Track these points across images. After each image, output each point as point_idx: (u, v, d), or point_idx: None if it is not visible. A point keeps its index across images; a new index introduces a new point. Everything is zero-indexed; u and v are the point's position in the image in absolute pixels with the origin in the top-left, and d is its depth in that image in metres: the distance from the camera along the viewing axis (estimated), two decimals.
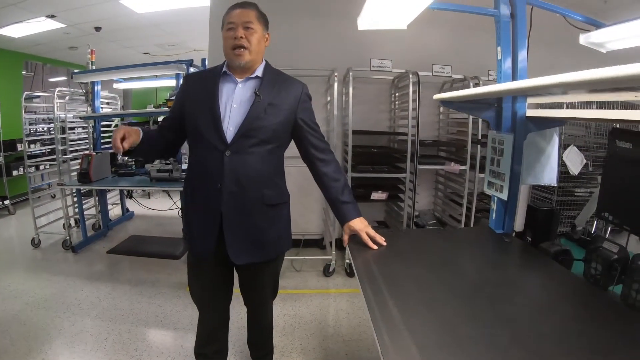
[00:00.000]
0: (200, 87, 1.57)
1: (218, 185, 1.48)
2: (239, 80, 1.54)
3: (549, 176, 1.76)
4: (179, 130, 1.65)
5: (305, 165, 1.72)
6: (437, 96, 1.79)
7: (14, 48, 6.37)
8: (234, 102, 1.51)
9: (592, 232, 1.86)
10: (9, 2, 4.37)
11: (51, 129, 7.15)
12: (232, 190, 1.48)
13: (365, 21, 1.83)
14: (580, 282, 1.32)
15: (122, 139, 1.43)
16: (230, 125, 1.49)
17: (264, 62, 1.60)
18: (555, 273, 1.36)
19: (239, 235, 1.52)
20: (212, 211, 1.51)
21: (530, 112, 1.70)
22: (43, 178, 6.53)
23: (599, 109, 1.98)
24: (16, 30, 5.45)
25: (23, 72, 7.14)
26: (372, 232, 1.56)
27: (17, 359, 2.44)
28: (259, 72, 1.56)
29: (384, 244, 1.54)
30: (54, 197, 6.06)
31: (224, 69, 1.56)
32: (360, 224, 1.57)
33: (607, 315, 1.08)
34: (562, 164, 1.86)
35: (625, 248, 1.29)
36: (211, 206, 1.51)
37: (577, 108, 2.11)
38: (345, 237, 1.59)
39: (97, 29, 5.42)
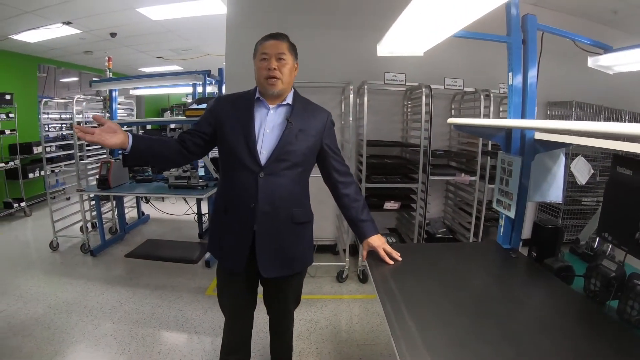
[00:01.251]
0: (234, 111, 1.69)
1: (252, 205, 1.62)
2: (271, 106, 1.67)
3: (555, 194, 1.88)
4: (201, 145, 1.74)
5: (317, 174, 1.86)
6: (450, 120, 1.95)
7: (29, 52, 6.56)
8: (267, 127, 1.65)
9: (595, 247, 1.98)
10: (26, 9, 4.55)
11: (64, 132, 7.40)
12: (265, 209, 1.62)
13: (385, 49, 1.98)
14: (580, 298, 1.45)
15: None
16: (263, 149, 1.62)
17: (292, 90, 1.74)
18: (556, 289, 1.51)
19: (269, 252, 1.67)
20: (246, 229, 1.65)
21: (539, 136, 1.84)
22: (57, 180, 6.74)
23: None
24: (32, 36, 5.62)
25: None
26: (389, 249, 1.71)
27: None
28: (289, 99, 1.70)
29: (400, 259, 1.69)
30: (68, 199, 6.27)
31: (257, 95, 1.69)
32: (378, 241, 1.72)
33: (604, 330, 1.22)
34: (569, 173, 1.99)
35: (622, 266, 1.43)
36: (245, 224, 1.65)
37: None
38: (364, 253, 1.75)
39: (113, 34, 5.60)
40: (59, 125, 7.98)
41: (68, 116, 9.16)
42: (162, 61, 7.39)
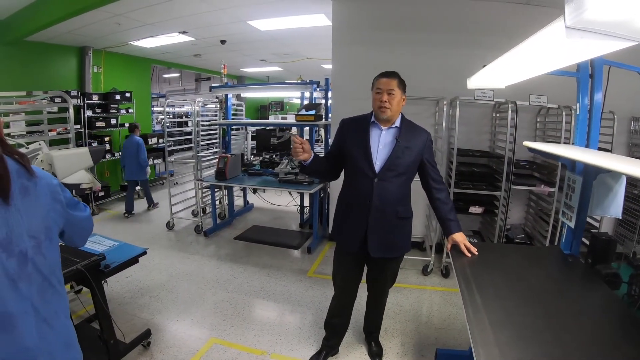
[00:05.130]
0: (355, 131, 2.40)
1: (368, 202, 2.33)
2: (383, 128, 2.36)
3: (615, 210, 2.26)
4: (340, 161, 2.48)
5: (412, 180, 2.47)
6: (525, 143, 2.49)
7: (144, 55, 7.88)
8: (380, 144, 2.34)
9: None
10: (147, 22, 5.62)
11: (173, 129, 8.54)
12: (377, 206, 2.33)
13: (473, 83, 2.61)
14: (616, 300, 1.83)
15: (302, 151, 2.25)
16: (377, 160, 2.33)
17: (400, 115, 2.40)
18: (599, 289, 1.93)
19: (378, 237, 2.37)
20: (362, 219, 2.36)
21: None
22: (166, 169, 8.01)
23: None
24: (148, 42, 6.79)
25: None
26: (468, 244, 2.32)
27: (170, 318, 3.33)
28: (397, 123, 2.37)
29: (476, 253, 2.30)
30: (175, 184, 7.42)
31: (372, 119, 2.38)
32: (460, 237, 2.34)
33: (627, 326, 1.61)
34: None
35: None
36: (361, 215, 2.36)
37: None
38: (448, 246, 2.40)
39: (223, 42, 6.61)
40: (169, 120, 9.35)
41: (168, 109, 10.62)
42: (264, 63, 8.37)
